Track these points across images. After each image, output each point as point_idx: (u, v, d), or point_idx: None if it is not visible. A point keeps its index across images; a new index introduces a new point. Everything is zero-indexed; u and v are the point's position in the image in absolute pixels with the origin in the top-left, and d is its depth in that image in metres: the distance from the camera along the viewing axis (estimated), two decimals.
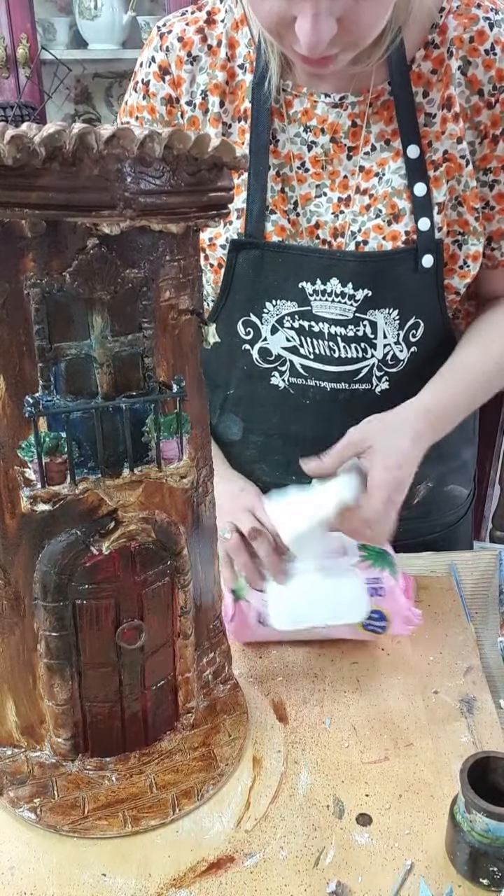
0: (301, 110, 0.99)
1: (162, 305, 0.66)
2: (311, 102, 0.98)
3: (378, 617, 0.91)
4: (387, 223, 0.98)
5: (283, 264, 1.00)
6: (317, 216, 1.00)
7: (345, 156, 0.99)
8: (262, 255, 1.00)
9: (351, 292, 0.99)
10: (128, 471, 0.67)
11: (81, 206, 0.59)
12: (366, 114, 0.97)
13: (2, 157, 0.55)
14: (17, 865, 0.69)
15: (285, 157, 1.00)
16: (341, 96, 0.97)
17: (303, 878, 0.69)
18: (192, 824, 0.73)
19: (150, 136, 0.58)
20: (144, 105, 1.02)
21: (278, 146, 1.00)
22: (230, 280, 1.02)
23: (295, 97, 0.98)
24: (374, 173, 0.98)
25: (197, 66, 0.99)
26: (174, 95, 1.00)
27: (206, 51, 0.99)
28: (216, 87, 0.99)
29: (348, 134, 0.98)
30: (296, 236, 1.00)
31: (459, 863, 0.69)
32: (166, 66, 1.00)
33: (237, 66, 0.99)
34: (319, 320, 1.01)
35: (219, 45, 0.99)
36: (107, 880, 0.68)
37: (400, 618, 0.91)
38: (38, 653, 0.72)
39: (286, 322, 1.02)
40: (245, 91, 0.99)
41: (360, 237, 0.99)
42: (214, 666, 0.84)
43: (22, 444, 0.66)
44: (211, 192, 0.65)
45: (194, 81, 0.99)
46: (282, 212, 1.00)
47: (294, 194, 1.00)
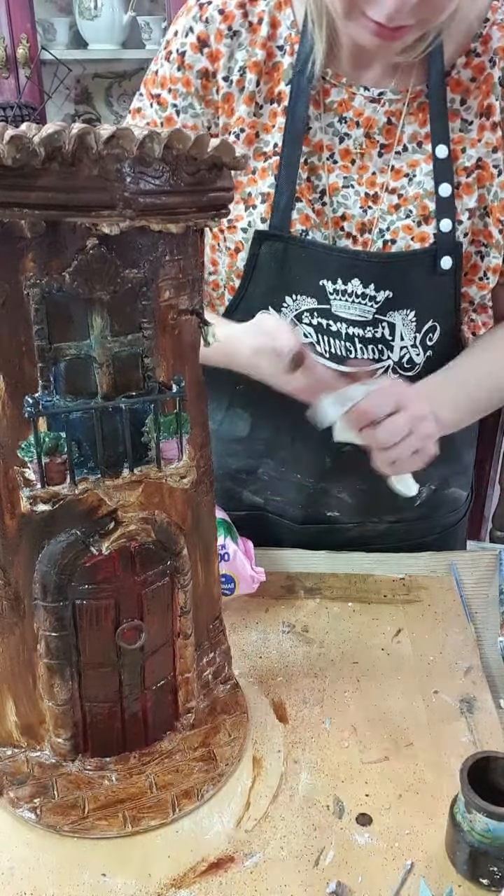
0: (338, 100, 0.97)
1: (162, 305, 0.66)
2: (349, 94, 0.97)
3: (226, 580, 0.98)
4: (416, 224, 0.98)
5: (306, 259, 0.99)
6: (344, 207, 0.99)
7: (376, 152, 0.98)
8: (286, 248, 0.99)
9: (372, 293, 0.98)
10: (127, 471, 0.67)
11: (81, 206, 0.59)
12: (402, 113, 0.96)
13: (1, 158, 0.55)
14: (17, 865, 0.69)
15: (315, 145, 0.98)
16: (380, 92, 0.96)
17: (303, 878, 0.69)
18: (192, 824, 0.73)
19: (149, 136, 0.58)
20: (179, 77, 0.99)
21: (309, 134, 0.98)
22: (251, 271, 1.01)
23: (333, 86, 0.97)
24: (404, 174, 0.98)
25: (236, 41, 0.97)
26: (211, 69, 0.98)
27: (247, 27, 0.97)
28: (255, 65, 0.97)
29: (382, 131, 0.97)
30: (320, 226, 0.99)
31: (459, 863, 0.69)
32: (205, 38, 0.97)
33: (276, 46, 0.97)
34: (338, 320, 1.00)
35: (259, 22, 0.97)
36: (107, 880, 0.68)
37: (245, 578, 1.00)
38: (38, 653, 0.72)
39: (304, 318, 1.01)
40: (283, 74, 0.97)
41: (388, 235, 0.99)
42: (214, 666, 0.84)
43: (22, 445, 0.66)
44: (211, 192, 0.65)
45: (233, 57, 0.97)
46: (307, 200, 0.99)
47: (321, 183, 0.99)
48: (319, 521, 1.16)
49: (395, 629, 0.99)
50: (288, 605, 1.03)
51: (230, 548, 1.00)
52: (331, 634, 0.98)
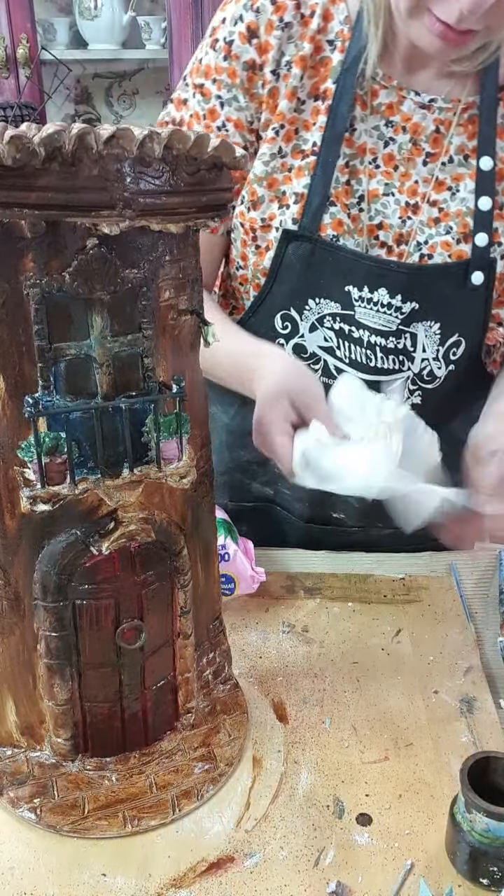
0: (386, 103, 0.94)
1: (162, 305, 0.66)
2: (399, 97, 0.93)
3: (226, 580, 0.98)
4: (455, 241, 0.96)
5: (333, 264, 0.96)
6: (382, 216, 0.96)
7: (421, 161, 0.95)
8: (314, 250, 0.96)
9: (398, 304, 0.96)
10: (127, 471, 0.67)
11: (81, 206, 0.59)
12: (451, 123, 0.93)
13: (1, 158, 0.55)
14: (17, 865, 0.69)
15: (359, 147, 0.95)
16: (431, 98, 0.93)
17: (303, 878, 0.69)
18: (192, 824, 0.73)
19: (149, 136, 0.58)
20: (225, 67, 0.95)
21: (354, 135, 0.94)
22: (276, 271, 0.99)
23: (383, 88, 0.93)
24: (447, 186, 0.95)
25: (287, 33, 0.92)
26: (258, 61, 0.93)
27: (299, 19, 0.92)
28: (301, 60, 0.93)
29: (429, 139, 0.94)
30: (353, 233, 0.96)
31: (459, 863, 0.69)
32: (255, 28, 0.93)
33: (326, 40, 0.93)
34: (361, 327, 0.98)
35: (312, 14, 0.92)
36: (107, 880, 0.68)
37: (245, 578, 1.00)
38: (38, 653, 0.72)
39: (326, 322, 0.99)
40: (330, 70, 0.93)
41: (425, 249, 0.96)
42: (214, 666, 0.84)
43: (22, 445, 0.66)
44: (211, 192, 0.65)
45: (281, 50, 0.93)
46: (342, 205, 0.95)
47: (361, 188, 0.95)
48: (324, 521, 1.16)
49: (395, 629, 0.99)
50: (288, 605, 1.03)
51: (230, 548, 1.00)
52: (331, 634, 0.98)
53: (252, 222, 0.98)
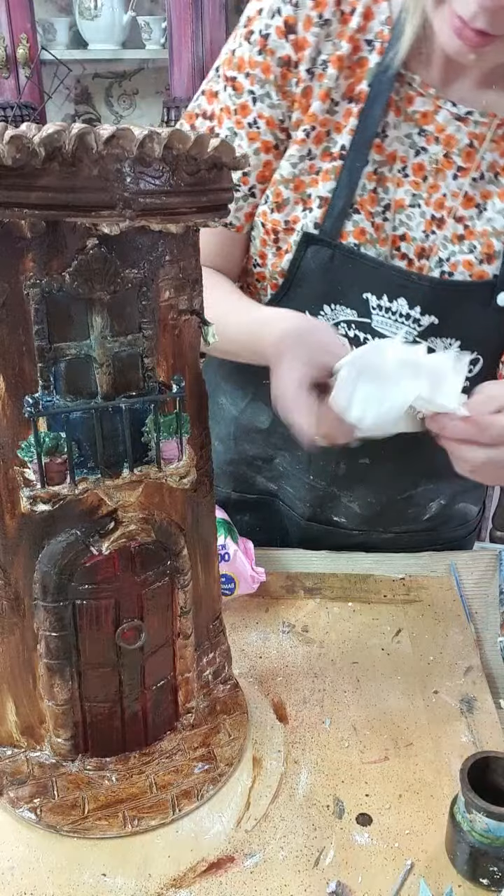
0: (421, 111, 0.90)
1: (162, 305, 0.66)
2: (435, 106, 0.90)
3: (226, 580, 0.98)
4: (478, 261, 0.93)
5: (352, 271, 0.94)
6: (406, 227, 0.94)
7: (451, 174, 0.92)
8: (333, 255, 0.94)
9: (417, 316, 0.94)
10: (127, 471, 0.67)
11: (81, 206, 0.59)
12: (485, 138, 0.90)
13: (2, 157, 0.55)
14: (17, 865, 0.69)
15: (389, 155, 0.91)
16: (468, 111, 0.89)
17: (303, 878, 0.69)
18: (192, 824, 0.73)
19: (149, 136, 0.58)
20: (259, 61, 0.91)
21: (385, 142, 0.91)
22: (294, 274, 0.97)
23: (419, 95, 0.90)
24: (475, 203, 0.92)
25: (325, 31, 0.88)
26: (294, 58, 0.89)
27: (339, 17, 0.88)
28: (338, 60, 0.89)
29: (462, 153, 0.91)
30: (375, 242, 0.94)
31: (459, 863, 0.69)
32: (293, 23, 0.88)
33: (365, 40, 0.89)
34: (376, 335, 0.96)
35: (352, 12, 0.88)
36: (107, 880, 0.68)
37: (245, 578, 1.00)
38: (38, 653, 0.72)
39: (341, 328, 0.97)
40: (366, 71, 0.89)
41: (447, 266, 0.94)
42: (214, 666, 0.84)
43: (22, 445, 0.66)
44: (211, 192, 0.65)
45: (318, 48, 0.88)
46: (367, 213, 0.93)
47: (388, 197, 0.92)
48: (325, 522, 1.16)
49: (395, 629, 0.99)
50: (288, 605, 1.03)
51: (230, 548, 1.00)
52: (331, 634, 0.98)
53: (275, 224, 0.96)
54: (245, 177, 0.96)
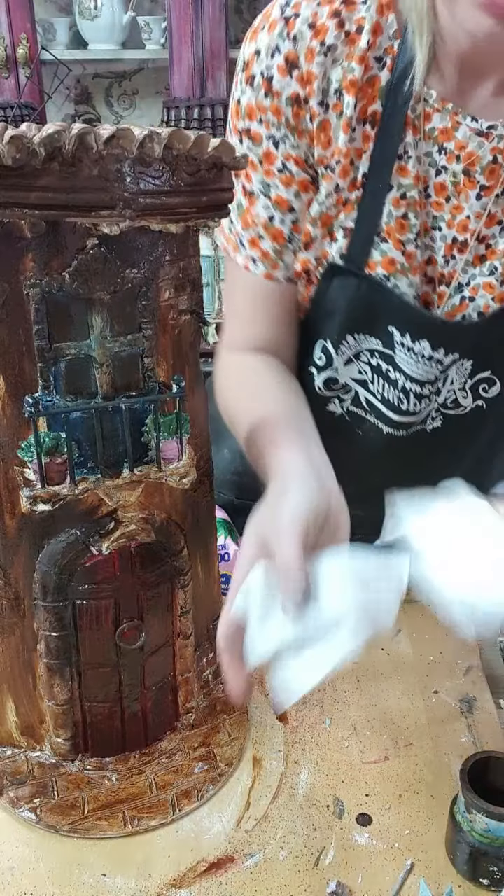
0: (440, 128, 0.83)
1: (162, 305, 0.66)
2: (454, 123, 0.83)
3: (226, 580, 0.95)
4: (500, 283, 0.88)
5: (379, 303, 0.89)
6: (431, 251, 0.88)
7: (474, 194, 0.85)
8: (359, 286, 0.88)
9: (440, 357, 0.89)
10: (127, 471, 0.67)
11: (81, 206, 0.59)
12: None
13: (2, 157, 0.55)
14: (17, 865, 0.69)
15: (414, 177, 0.85)
16: (489, 125, 0.82)
17: (303, 878, 0.69)
18: (192, 824, 0.73)
19: (149, 136, 0.58)
20: (267, 105, 0.84)
21: (408, 164, 0.84)
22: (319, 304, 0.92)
23: (436, 111, 0.83)
24: (498, 220, 0.86)
25: (331, 56, 0.81)
26: (302, 95, 0.83)
27: (343, 38, 0.81)
28: (352, 85, 0.82)
29: (485, 170, 0.83)
30: (407, 272, 0.88)
31: (459, 863, 0.69)
32: (294, 58, 0.82)
33: (374, 57, 0.82)
34: (398, 370, 0.91)
35: (359, 31, 0.81)
36: (107, 880, 0.68)
37: None
38: (38, 653, 0.72)
39: (363, 357, 0.93)
40: (378, 90, 0.83)
41: (467, 291, 0.89)
42: (214, 666, 0.84)
43: (22, 445, 0.66)
44: (211, 193, 0.65)
45: (327, 77, 0.82)
46: (396, 241, 0.86)
47: (417, 222, 0.86)
48: None
49: (395, 629, 0.99)
50: None
51: (230, 548, 1.00)
52: None
53: (304, 263, 0.91)
54: (295, 224, 0.90)
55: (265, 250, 0.90)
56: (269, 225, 0.89)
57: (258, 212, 0.89)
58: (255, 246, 0.90)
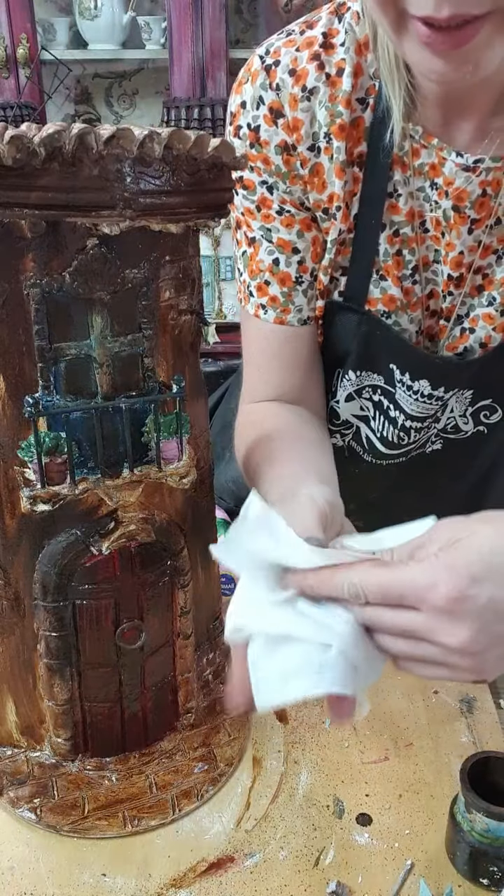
0: (429, 163, 0.82)
1: (162, 305, 0.66)
2: (440, 158, 0.81)
3: (226, 580, 0.97)
4: (500, 313, 0.87)
5: (379, 340, 0.89)
6: (433, 284, 0.88)
7: (465, 229, 0.83)
8: (360, 322, 0.88)
9: (440, 395, 0.89)
10: (127, 471, 0.67)
11: (81, 206, 0.59)
12: (500, 182, 0.81)
13: (2, 157, 0.55)
14: (17, 865, 0.70)
15: (406, 214, 0.84)
16: (476, 159, 0.80)
17: (303, 878, 0.69)
18: (192, 824, 0.73)
19: (149, 136, 0.58)
20: (256, 155, 0.85)
21: (399, 201, 0.84)
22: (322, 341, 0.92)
23: (423, 147, 0.82)
24: (493, 250, 0.85)
25: (315, 99, 0.81)
26: (290, 142, 0.83)
27: (324, 80, 0.81)
28: (341, 129, 0.81)
29: (475, 205, 0.82)
30: (407, 308, 0.87)
31: (459, 863, 0.69)
32: (279, 107, 0.82)
33: (357, 99, 0.81)
34: (398, 408, 0.91)
35: (340, 73, 0.81)
36: (107, 880, 0.68)
37: None
38: (38, 653, 0.72)
39: (365, 393, 0.93)
40: (363, 131, 0.82)
41: (467, 323, 0.88)
42: (214, 666, 0.84)
43: (22, 445, 0.66)
44: (211, 193, 0.65)
45: (314, 121, 0.82)
46: (394, 279, 0.86)
47: (414, 258, 0.86)
48: None
49: None
50: None
51: None
52: None
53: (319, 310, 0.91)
54: (302, 265, 0.89)
55: (273, 295, 0.89)
56: (276, 269, 0.89)
57: (262, 257, 0.89)
58: (262, 293, 0.90)
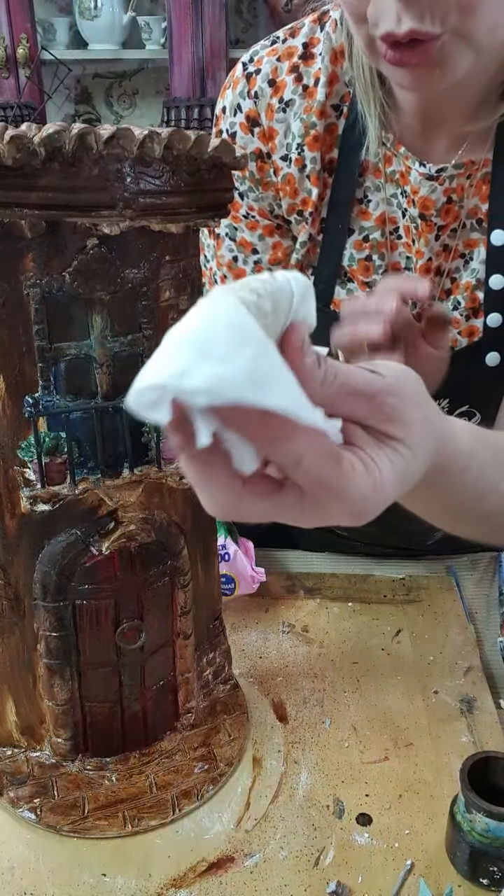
0: (399, 171, 0.83)
1: (162, 305, 0.66)
2: (406, 167, 0.82)
3: (226, 580, 0.98)
4: (465, 318, 0.88)
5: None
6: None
7: (433, 236, 0.84)
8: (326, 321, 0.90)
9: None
10: (128, 471, 0.67)
11: (81, 206, 0.59)
12: (463, 188, 0.82)
13: (2, 157, 0.55)
14: (17, 865, 0.70)
15: (377, 219, 0.86)
16: (439, 168, 0.81)
17: (303, 878, 0.69)
18: (192, 824, 0.73)
19: (149, 136, 0.58)
20: None
21: (369, 207, 0.85)
22: None
23: (393, 155, 0.83)
24: (461, 254, 0.86)
25: (290, 111, 0.83)
26: (265, 150, 0.86)
27: (301, 92, 0.83)
28: (314, 141, 0.83)
29: (440, 212, 0.83)
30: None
31: (459, 863, 0.69)
32: (255, 116, 0.85)
33: (331, 105, 0.83)
34: None
35: (316, 83, 0.82)
36: (107, 880, 0.68)
37: (245, 578, 0.99)
38: (38, 653, 0.72)
39: None
40: (336, 139, 0.84)
41: None
42: (214, 666, 0.84)
43: (22, 444, 0.66)
44: (211, 193, 0.65)
45: (289, 132, 0.84)
46: (360, 283, 0.87)
47: (384, 263, 0.87)
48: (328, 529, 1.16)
49: (395, 629, 0.99)
50: (288, 605, 1.03)
51: (230, 548, 1.00)
52: (331, 634, 0.98)
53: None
54: (258, 265, 0.92)
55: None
56: (234, 266, 0.94)
57: (224, 253, 0.94)
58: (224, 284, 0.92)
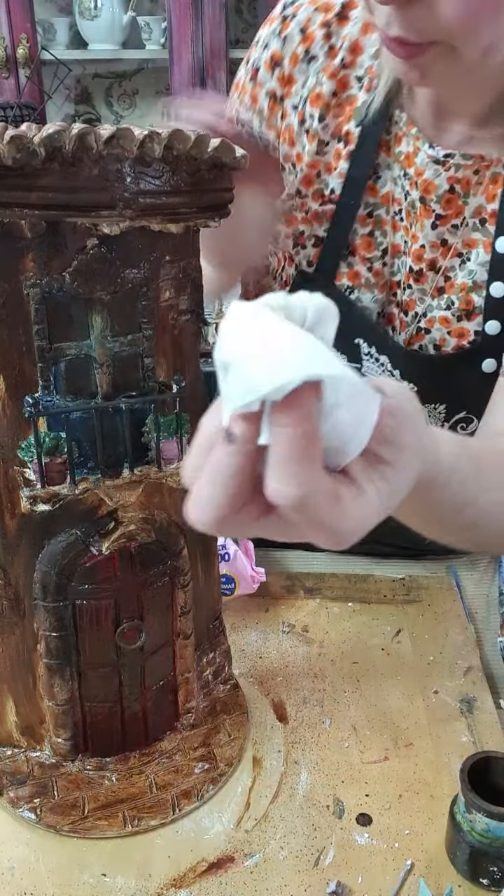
0: (405, 152, 0.83)
1: (162, 305, 0.66)
2: (415, 148, 0.82)
3: (226, 580, 0.98)
4: (456, 318, 0.87)
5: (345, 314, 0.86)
6: (401, 273, 0.88)
7: (429, 223, 0.83)
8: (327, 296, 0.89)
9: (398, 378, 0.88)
10: (127, 471, 0.67)
11: (81, 206, 0.59)
12: (469, 182, 0.81)
13: (2, 157, 0.55)
14: (17, 865, 0.70)
15: (383, 197, 0.86)
16: (446, 153, 0.80)
17: (303, 878, 0.69)
18: (192, 824, 0.73)
19: (149, 136, 0.58)
20: (249, 89, 0.89)
21: (378, 183, 0.85)
22: None
23: (404, 135, 0.83)
24: (458, 253, 0.85)
25: (313, 66, 0.84)
26: (280, 93, 0.87)
27: (326, 51, 0.83)
28: (317, 98, 0.84)
29: (441, 199, 0.82)
30: (373, 287, 0.88)
31: (459, 863, 0.69)
32: (279, 58, 0.85)
33: (355, 76, 0.83)
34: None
35: (341, 46, 0.82)
36: (107, 880, 0.68)
37: (245, 578, 1.00)
38: (38, 653, 0.72)
39: None
40: (354, 111, 0.84)
41: (423, 323, 0.88)
42: (214, 666, 0.84)
43: (22, 444, 0.66)
44: (211, 193, 0.65)
45: (305, 84, 0.85)
46: (362, 258, 0.87)
47: (385, 241, 0.87)
48: None
49: (395, 629, 0.99)
50: (288, 605, 1.03)
51: (230, 548, 1.00)
52: (331, 634, 0.98)
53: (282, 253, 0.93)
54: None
55: None
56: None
57: None
58: None
